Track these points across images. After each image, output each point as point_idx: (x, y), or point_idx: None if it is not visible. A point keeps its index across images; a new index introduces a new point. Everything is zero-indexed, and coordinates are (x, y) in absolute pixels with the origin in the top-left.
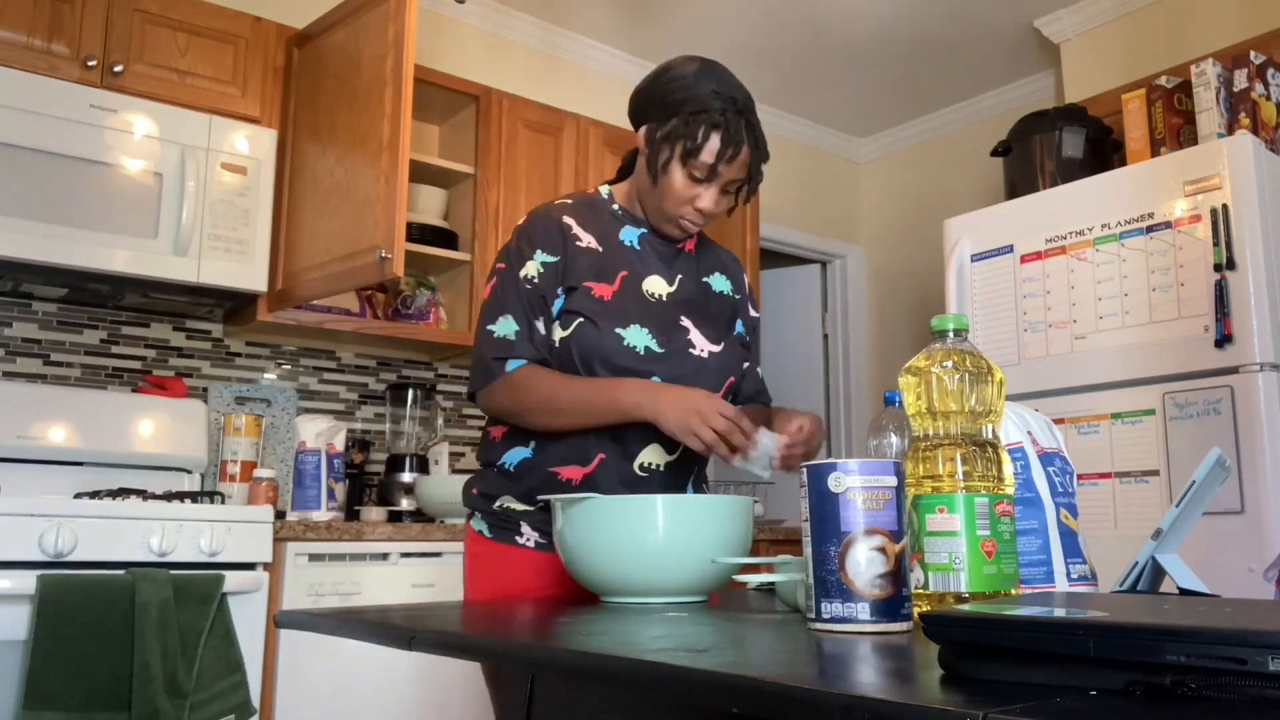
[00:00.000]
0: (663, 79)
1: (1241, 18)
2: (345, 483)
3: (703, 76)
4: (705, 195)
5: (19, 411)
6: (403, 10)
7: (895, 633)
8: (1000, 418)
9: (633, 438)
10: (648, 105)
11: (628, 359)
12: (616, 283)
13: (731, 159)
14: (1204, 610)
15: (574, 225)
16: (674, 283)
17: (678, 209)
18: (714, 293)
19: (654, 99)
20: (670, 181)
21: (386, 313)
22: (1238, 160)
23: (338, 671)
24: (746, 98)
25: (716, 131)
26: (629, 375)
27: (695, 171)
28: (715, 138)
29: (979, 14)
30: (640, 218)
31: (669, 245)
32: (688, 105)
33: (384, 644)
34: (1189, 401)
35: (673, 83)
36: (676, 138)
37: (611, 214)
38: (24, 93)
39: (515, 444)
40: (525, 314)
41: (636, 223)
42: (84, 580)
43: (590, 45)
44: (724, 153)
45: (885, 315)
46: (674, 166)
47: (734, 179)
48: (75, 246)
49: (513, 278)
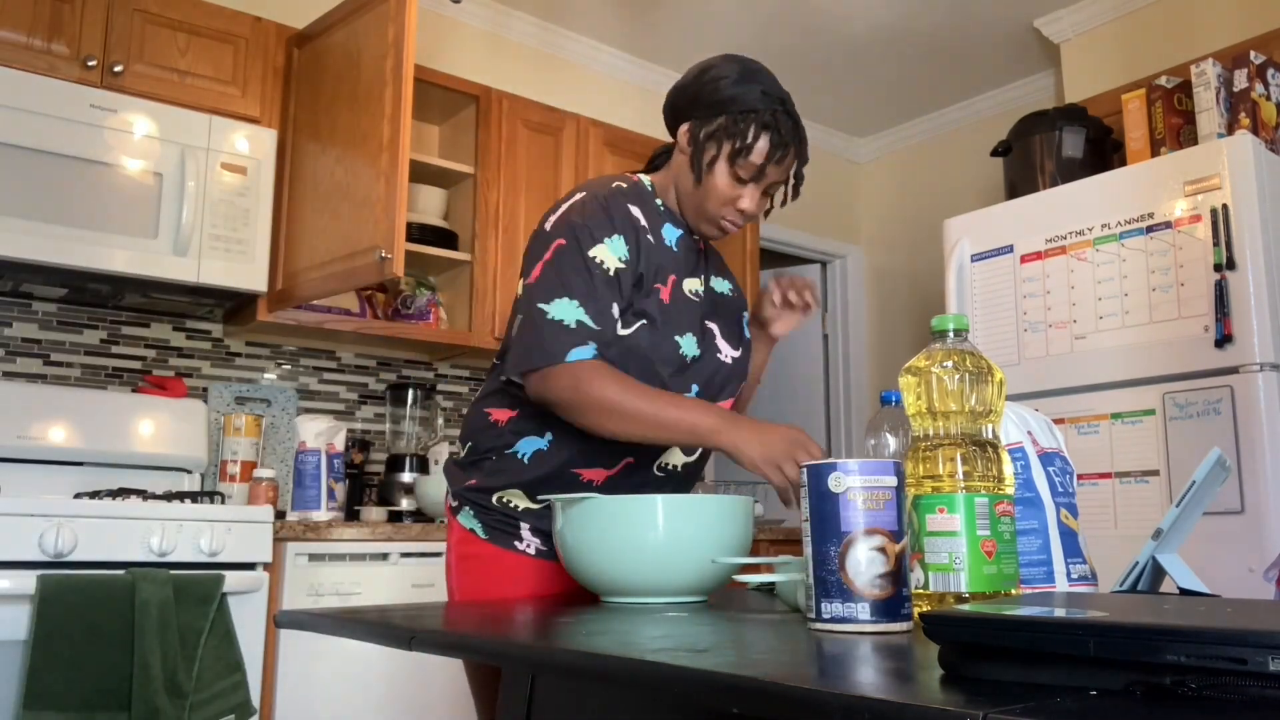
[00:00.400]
0: (707, 76)
1: (1241, 18)
2: (345, 483)
3: (750, 76)
4: (748, 196)
5: (19, 411)
6: (403, 10)
7: (895, 633)
8: (1000, 418)
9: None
10: (691, 103)
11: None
12: (669, 284)
13: (780, 160)
14: (1204, 610)
15: (641, 219)
16: (704, 281)
17: (720, 209)
18: (725, 294)
19: (699, 97)
20: (715, 181)
21: (386, 313)
22: (1238, 160)
23: (338, 671)
24: (791, 103)
25: (767, 132)
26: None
27: (742, 172)
28: (765, 138)
29: (979, 14)
30: (679, 217)
31: (694, 247)
32: (736, 104)
33: (384, 644)
34: (1189, 401)
35: (719, 81)
36: (725, 136)
37: (656, 210)
38: (24, 93)
39: (528, 434)
40: (594, 299)
41: (676, 222)
42: (84, 580)
43: (590, 45)
44: (773, 154)
45: (885, 315)
46: (720, 166)
47: (777, 181)
48: (75, 246)
49: (580, 257)
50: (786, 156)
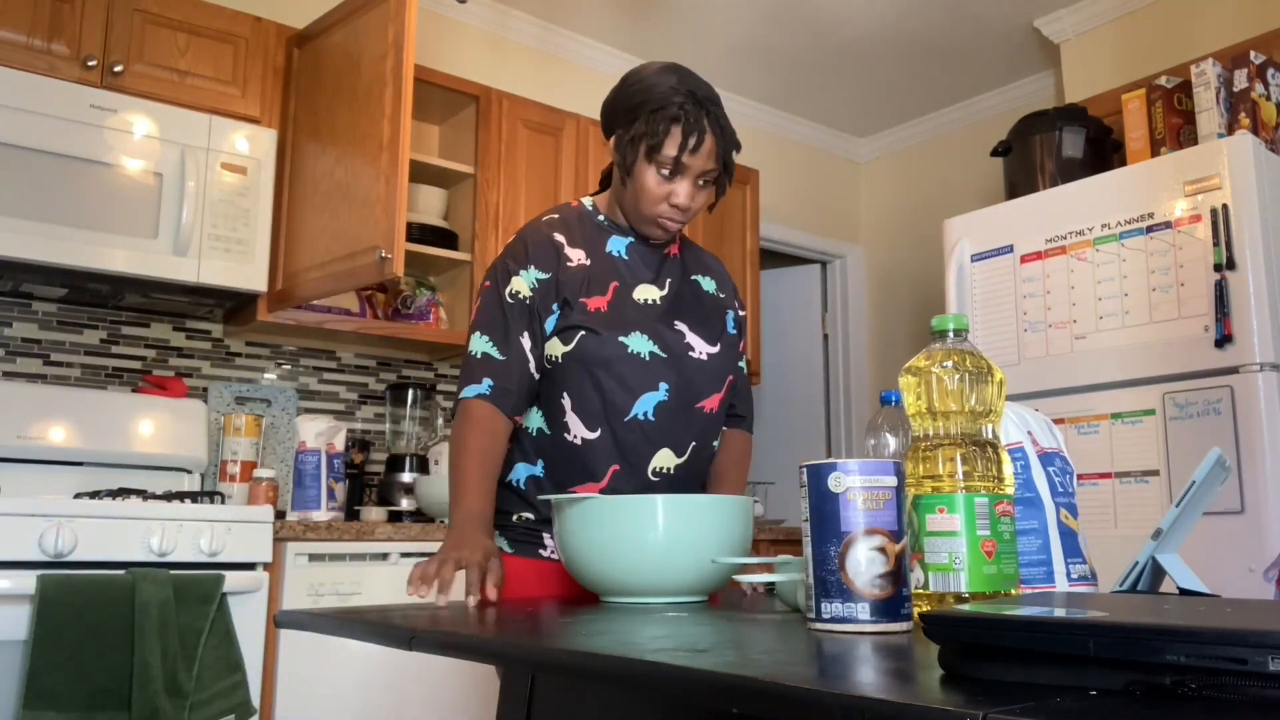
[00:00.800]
0: (625, 86)
1: (1241, 18)
2: (345, 483)
3: (662, 75)
4: (679, 190)
5: (19, 411)
6: (403, 10)
7: (895, 633)
8: (1000, 418)
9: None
10: (614, 114)
11: (634, 366)
12: (609, 293)
13: (695, 149)
14: (1204, 610)
15: (564, 243)
16: (665, 287)
17: (654, 208)
18: (704, 293)
19: (618, 106)
20: (642, 182)
21: (386, 313)
22: (1238, 160)
23: (338, 671)
24: (708, 91)
25: (676, 124)
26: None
27: (662, 167)
28: (676, 130)
29: (979, 14)
30: (625, 227)
31: (655, 252)
32: (648, 104)
33: (384, 644)
34: (1189, 401)
35: (634, 86)
36: (640, 137)
37: (598, 226)
38: (24, 93)
39: (521, 459)
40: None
41: (623, 232)
42: (84, 580)
43: (590, 45)
44: (685, 144)
45: (885, 315)
46: (641, 166)
47: (703, 170)
48: (75, 246)
49: (496, 295)
50: (702, 144)
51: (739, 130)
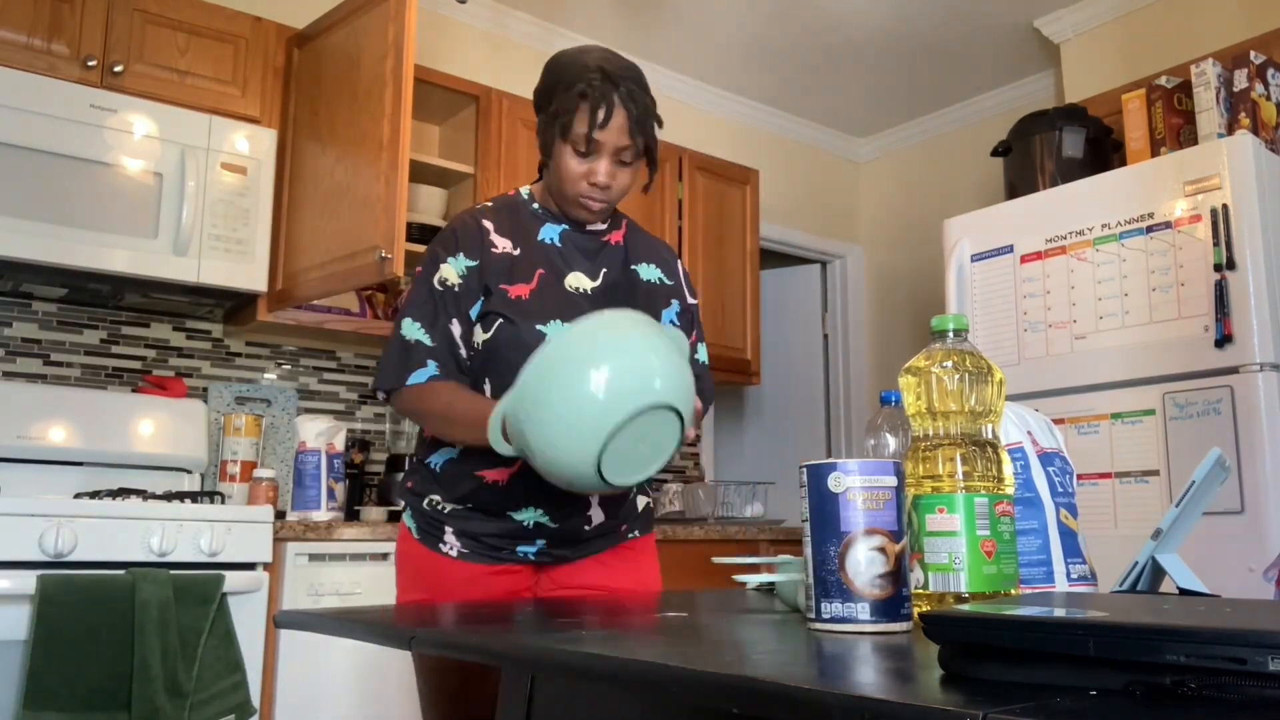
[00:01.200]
0: (546, 69)
1: (1241, 18)
2: (345, 483)
3: (579, 54)
4: (598, 169)
5: (19, 411)
6: (403, 10)
7: (895, 633)
8: (1000, 418)
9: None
10: (536, 104)
11: None
12: (535, 281)
13: (604, 125)
14: (1204, 610)
15: (491, 229)
16: (598, 276)
17: (574, 188)
18: (641, 281)
19: (539, 94)
20: (560, 161)
21: (386, 313)
22: (1238, 160)
23: (338, 671)
24: (622, 68)
25: (584, 101)
26: None
27: (576, 146)
28: (584, 106)
29: (979, 14)
30: (559, 213)
31: (593, 239)
32: (561, 84)
33: (384, 644)
34: (1189, 401)
35: (550, 74)
36: (554, 118)
37: (531, 213)
38: (24, 93)
39: (441, 444)
40: (434, 319)
41: (556, 220)
42: (84, 580)
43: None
44: (594, 119)
45: (885, 315)
46: (558, 146)
47: (618, 147)
48: (75, 246)
49: (427, 282)
50: (611, 119)
51: (738, 130)
